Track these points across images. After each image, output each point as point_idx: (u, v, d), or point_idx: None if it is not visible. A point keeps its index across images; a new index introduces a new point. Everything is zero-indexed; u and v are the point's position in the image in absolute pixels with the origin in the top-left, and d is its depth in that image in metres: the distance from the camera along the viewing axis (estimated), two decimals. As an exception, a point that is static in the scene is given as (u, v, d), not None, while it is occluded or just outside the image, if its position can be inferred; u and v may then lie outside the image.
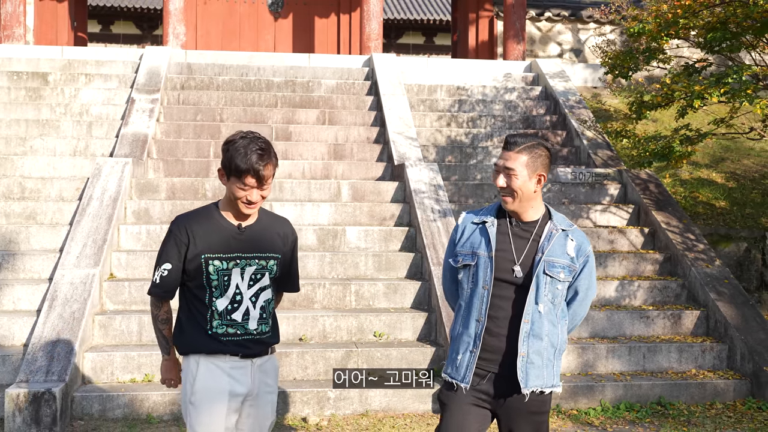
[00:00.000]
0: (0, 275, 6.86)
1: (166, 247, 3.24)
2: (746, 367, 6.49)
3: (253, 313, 3.25)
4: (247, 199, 3.16)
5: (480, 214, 3.34)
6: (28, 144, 9.00)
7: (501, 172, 3.20)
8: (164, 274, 3.22)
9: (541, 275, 3.15)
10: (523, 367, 3.13)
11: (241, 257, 3.22)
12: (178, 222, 3.25)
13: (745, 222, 8.71)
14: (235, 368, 3.21)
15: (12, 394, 5.35)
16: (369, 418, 5.81)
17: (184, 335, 3.24)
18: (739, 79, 5.94)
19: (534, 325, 3.15)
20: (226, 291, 3.20)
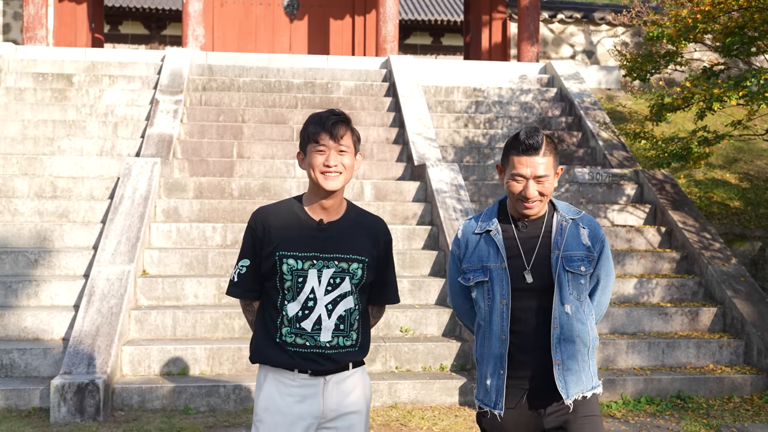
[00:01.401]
0: (37, 272, 7.07)
1: (245, 241, 3.00)
2: (763, 362, 6.67)
3: (327, 323, 2.87)
4: (326, 163, 2.86)
5: (480, 223, 3.07)
6: (56, 144, 9.20)
7: (529, 179, 2.90)
8: (242, 271, 2.98)
9: (563, 273, 2.92)
10: (561, 375, 2.90)
11: (319, 257, 2.88)
12: (255, 215, 3.00)
13: (759, 222, 8.89)
14: (304, 386, 2.87)
15: (57, 385, 5.56)
16: (398, 409, 6.01)
17: (255, 341, 2.98)
18: (757, 82, 6.14)
19: (564, 329, 2.92)
20: (298, 294, 2.88)
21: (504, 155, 2.99)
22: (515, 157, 2.90)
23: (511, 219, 3.01)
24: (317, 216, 2.95)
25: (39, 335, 6.46)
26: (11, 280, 6.81)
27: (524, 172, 2.89)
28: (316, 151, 2.88)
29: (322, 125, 2.88)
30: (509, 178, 2.93)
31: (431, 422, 5.73)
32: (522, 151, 2.89)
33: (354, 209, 3.05)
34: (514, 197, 2.93)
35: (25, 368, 6.13)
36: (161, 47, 26.99)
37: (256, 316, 3.02)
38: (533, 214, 2.96)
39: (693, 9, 6.35)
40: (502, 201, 3.09)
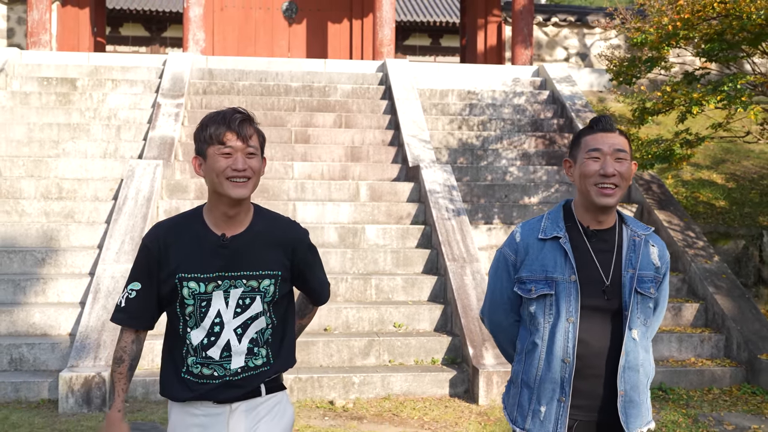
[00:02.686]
0: (44, 270, 7.34)
1: (136, 262, 2.64)
2: (742, 355, 6.94)
3: (238, 347, 2.59)
4: (234, 167, 2.51)
5: (544, 227, 2.71)
6: (61, 147, 9.47)
7: (607, 156, 2.59)
8: (131, 295, 2.60)
9: (634, 295, 2.60)
10: (624, 408, 2.60)
11: (224, 277, 2.57)
12: (152, 233, 2.64)
13: (744, 221, 9.16)
14: (207, 415, 2.60)
15: (65, 378, 5.83)
16: (391, 401, 6.28)
17: (162, 374, 2.69)
18: (734, 87, 6.41)
19: (629, 356, 2.60)
20: (202, 320, 2.57)
21: (574, 143, 2.71)
22: (590, 136, 2.63)
23: (580, 226, 2.67)
24: (219, 230, 2.58)
25: (47, 331, 6.74)
26: (20, 278, 7.09)
27: (602, 146, 2.59)
28: (221, 153, 2.51)
29: (227, 124, 2.52)
30: (584, 159, 2.61)
31: (422, 413, 6.00)
32: (598, 129, 2.63)
33: (261, 216, 2.67)
34: (591, 180, 2.60)
35: (33, 362, 6.41)
36: (162, 49, 27.28)
37: (163, 347, 2.70)
38: (611, 203, 2.60)
39: (673, 17, 6.63)
40: (565, 205, 2.77)
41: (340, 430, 5.54)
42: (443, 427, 5.67)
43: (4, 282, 7.04)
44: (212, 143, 2.53)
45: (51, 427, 5.49)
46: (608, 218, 2.67)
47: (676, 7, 6.75)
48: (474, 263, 7.41)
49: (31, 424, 5.56)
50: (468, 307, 6.90)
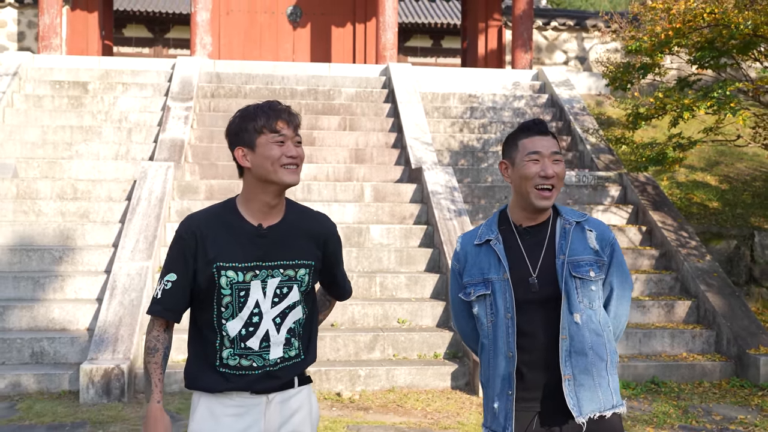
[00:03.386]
0: (61, 268, 7.64)
1: (171, 254, 2.63)
2: (731, 350, 7.24)
3: (276, 338, 2.61)
4: (288, 155, 2.56)
5: (479, 233, 2.82)
6: (74, 148, 9.78)
7: (545, 158, 2.70)
8: (167, 287, 2.60)
9: (570, 280, 2.67)
10: (572, 391, 2.64)
11: (262, 266, 2.60)
12: (186, 223, 2.64)
13: (736, 221, 9.45)
14: (242, 405, 2.61)
15: (86, 369, 6.13)
16: (395, 393, 6.58)
17: (189, 369, 2.69)
18: (723, 93, 6.70)
19: (574, 340, 2.66)
20: (240, 310, 2.58)
21: (510, 146, 2.79)
22: (527, 139, 2.73)
23: (513, 226, 2.78)
24: (255, 220, 2.63)
25: (65, 326, 7.04)
26: (39, 276, 7.39)
27: (541, 149, 2.69)
28: (274, 142, 2.55)
29: (278, 114, 2.58)
30: (524, 161, 2.70)
31: (425, 404, 6.30)
32: (535, 132, 2.74)
33: (294, 207, 2.72)
34: (531, 183, 2.70)
35: (54, 355, 6.71)
36: (165, 50, 27.56)
37: (189, 340, 2.71)
38: (548, 205, 2.72)
39: (665, 26, 6.92)
40: (502, 211, 2.86)
41: (347, 419, 5.84)
42: (445, 417, 5.97)
43: (24, 279, 7.34)
44: (264, 132, 2.56)
45: (74, 416, 5.79)
46: (541, 215, 2.77)
47: (669, 17, 7.05)
48: (475, 262, 7.69)
49: (55, 412, 5.86)
50: (469, 304, 7.18)
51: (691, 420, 5.96)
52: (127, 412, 5.91)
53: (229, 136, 2.64)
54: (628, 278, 2.82)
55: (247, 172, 2.60)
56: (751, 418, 6.00)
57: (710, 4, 6.77)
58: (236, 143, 2.60)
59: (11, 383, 6.36)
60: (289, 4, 15.35)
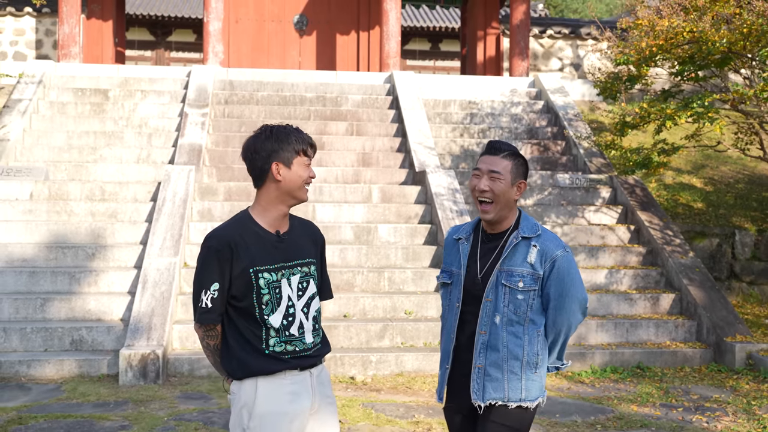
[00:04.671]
0: (94, 264, 8.28)
1: (208, 266, 2.95)
2: (711, 338, 7.90)
3: (307, 325, 3.04)
4: (311, 176, 3.05)
5: (461, 230, 3.27)
6: (98, 153, 10.42)
7: (484, 175, 3.10)
8: (215, 295, 2.94)
9: (499, 286, 3.08)
10: (479, 379, 3.08)
11: (285, 266, 3.02)
12: (217, 237, 2.97)
13: (719, 221, 10.12)
14: (295, 383, 3.00)
15: (125, 354, 6.77)
16: (404, 376, 7.23)
17: (236, 359, 2.99)
18: (702, 103, 7.37)
19: (491, 337, 3.08)
20: (278, 305, 2.98)
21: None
22: (480, 157, 3.18)
23: (482, 231, 3.19)
24: (273, 228, 3.04)
25: (101, 316, 7.68)
26: (74, 270, 8.03)
27: (482, 166, 3.11)
28: (305, 164, 3.00)
29: (307, 139, 3.02)
30: (472, 175, 3.15)
31: (431, 386, 6.95)
32: (486, 151, 3.15)
33: (293, 217, 3.16)
34: (473, 195, 3.15)
35: (92, 343, 7.35)
36: (167, 53, 28.15)
37: (227, 336, 3.02)
38: (488, 218, 3.11)
39: (650, 42, 7.59)
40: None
41: (362, 398, 6.48)
42: (450, 397, 6.62)
43: (60, 274, 7.98)
44: (300, 154, 2.99)
45: (115, 395, 6.43)
46: (498, 225, 3.15)
47: (654, 33, 7.71)
48: (475, 258, 8.34)
49: (98, 393, 6.50)
50: (470, 296, 7.84)
51: (671, 399, 6.62)
52: (162, 393, 6.55)
53: (261, 150, 2.98)
54: (571, 290, 3.08)
55: (273, 184, 2.99)
56: (724, 397, 6.66)
57: (690, 22, 7.43)
58: (273, 158, 2.96)
59: (55, 368, 7.00)
60: (296, 13, 16.01)
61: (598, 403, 6.48)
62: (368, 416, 5.97)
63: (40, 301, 7.65)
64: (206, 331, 3.02)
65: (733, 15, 7.89)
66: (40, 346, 7.29)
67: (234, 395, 3.01)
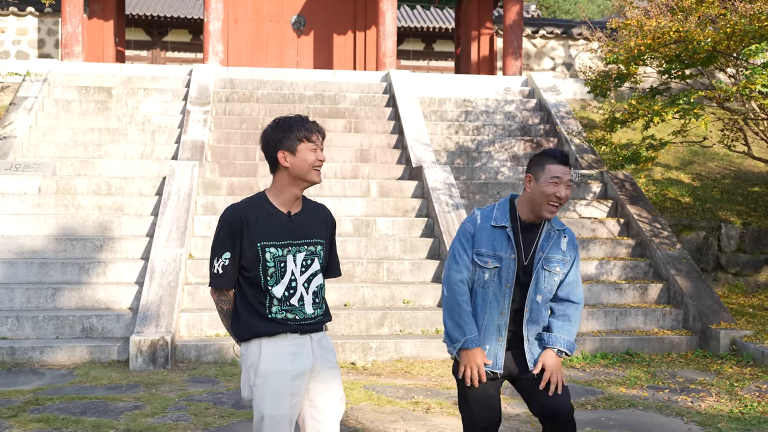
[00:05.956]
0: (102, 255, 8.56)
1: (221, 237, 3.28)
2: (696, 326, 8.23)
3: (307, 298, 3.32)
4: (319, 159, 3.27)
5: (495, 217, 3.62)
6: (103, 149, 10.69)
7: (562, 183, 3.51)
8: (226, 263, 3.26)
9: (542, 270, 3.58)
10: (529, 350, 3.62)
11: (293, 244, 3.29)
12: (231, 212, 3.29)
13: (705, 215, 10.46)
14: (296, 345, 3.28)
15: (135, 341, 7.06)
16: (403, 362, 7.53)
17: (243, 322, 3.29)
18: (688, 100, 7.69)
19: (532, 313, 3.60)
20: (282, 278, 3.26)
21: (537, 166, 3.56)
22: (553, 165, 3.53)
23: (519, 220, 3.61)
24: (285, 208, 3.32)
25: (110, 305, 7.96)
26: (83, 262, 8.31)
27: (560, 175, 3.51)
28: (310, 149, 3.23)
29: (312, 127, 3.26)
30: (547, 182, 3.50)
31: (429, 370, 7.25)
32: (558, 161, 3.53)
33: (307, 200, 3.42)
34: (547, 198, 3.52)
35: (102, 330, 7.63)
36: (162, 53, 28.36)
37: (237, 302, 3.31)
38: (552, 217, 3.58)
39: (638, 42, 7.91)
40: (511, 202, 3.67)
41: (363, 382, 6.78)
42: (447, 380, 6.92)
43: (70, 265, 8.25)
44: (303, 141, 3.26)
45: (127, 379, 6.72)
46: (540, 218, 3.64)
47: (642, 33, 8.03)
48: (471, 250, 8.65)
49: (110, 377, 6.78)
50: (466, 286, 8.15)
51: (657, 382, 6.94)
52: (172, 377, 6.83)
53: (270, 141, 3.29)
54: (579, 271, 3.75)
55: (284, 170, 3.28)
56: (708, 380, 6.98)
57: (676, 23, 7.76)
58: (279, 147, 3.27)
59: (67, 354, 7.28)
60: (294, 14, 16.30)
61: (588, 385, 6.79)
62: (370, 397, 6.27)
63: (51, 290, 7.93)
64: (219, 296, 3.36)
65: (717, 15, 8.22)
66: (52, 334, 7.57)
67: (243, 357, 3.33)
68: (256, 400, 3.27)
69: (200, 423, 5.51)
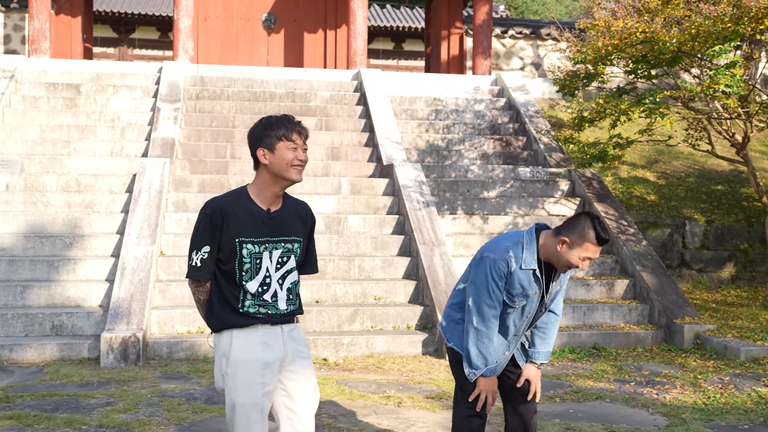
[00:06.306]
0: (72, 252, 8.51)
1: (202, 229, 3.33)
2: (661, 321, 8.41)
3: (281, 294, 3.37)
4: (299, 159, 3.29)
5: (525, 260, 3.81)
6: (72, 146, 10.61)
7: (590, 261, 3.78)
8: (204, 256, 3.31)
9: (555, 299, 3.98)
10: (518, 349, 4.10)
11: (270, 241, 3.34)
12: (212, 205, 3.33)
13: (670, 212, 10.67)
14: (266, 335, 3.34)
15: (106, 338, 7.04)
16: (374, 358, 7.60)
17: (216, 314, 3.37)
18: (654, 100, 7.86)
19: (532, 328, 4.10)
20: (257, 274, 3.32)
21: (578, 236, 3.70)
22: (592, 245, 3.71)
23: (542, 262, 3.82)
24: (265, 206, 3.36)
25: (80, 303, 7.92)
26: (52, 259, 8.26)
27: (593, 256, 3.74)
28: (289, 148, 3.26)
29: (293, 126, 3.29)
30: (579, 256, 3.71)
31: (400, 365, 7.33)
32: (599, 243, 3.71)
33: (288, 197, 3.46)
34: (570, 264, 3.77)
35: (72, 328, 7.60)
36: (130, 50, 28.11)
37: (213, 294, 3.39)
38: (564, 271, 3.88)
39: (606, 42, 8.06)
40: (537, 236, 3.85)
41: (336, 377, 6.84)
42: (418, 375, 7.01)
43: (39, 262, 8.20)
44: (282, 140, 3.29)
45: (98, 376, 6.70)
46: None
47: (609, 33, 8.18)
48: (441, 246, 8.76)
49: (80, 374, 6.76)
50: (437, 282, 8.25)
51: (624, 375, 7.09)
52: (143, 374, 6.83)
53: (252, 139, 3.35)
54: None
55: (264, 168, 3.32)
56: (673, 373, 7.15)
57: (643, 24, 7.91)
58: (259, 145, 3.31)
59: (37, 352, 7.24)
60: (264, 11, 16.28)
61: (557, 379, 6.91)
62: (342, 392, 6.33)
63: (19, 288, 7.87)
64: (197, 287, 3.42)
65: (683, 17, 8.40)
66: (21, 332, 7.52)
67: (215, 347, 3.42)
68: (227, 389, 3.33)
69: (173, 419, 5.53)
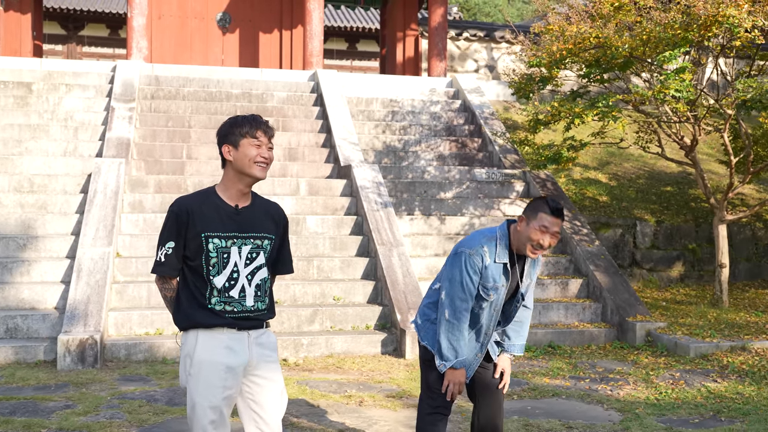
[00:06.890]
0: (26, 254, 8.38)
1: (168, 226, 3.38)
2: (614, 319, 8.62)
3: (249, 290, 3.38)
4: (262, 156, 3.33)
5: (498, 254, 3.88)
6: (23, 146, 10.42)
7: (549, 233, 3.76)
8: (168, 252, 3.36)
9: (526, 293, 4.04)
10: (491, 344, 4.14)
11: (238, 236, 3.36)
12: (179, 203, 3.38)
13: (622, 213, 10.93)
14: (232, 339, 3.35)
15: (63, 340, 6.96)
16: (334, 358, 7.64)
17: (183, 312, 3.39)
18: (606, 103, 8.07)
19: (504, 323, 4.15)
20: (224, 268, 3.35)
21: (532, 211, 3.81)
22: (545, 215, 3.76)
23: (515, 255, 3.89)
24: (233, 202, 3.40)
25: (35, 305, 7.81)
26: (5, 261, 8.12)
27: (549, 227, 3.75)
28: (253, 145, 3.31)
29: (258, 124, 3.35)
30: (536, 228, 3.75)
31: (360, 365, 7.39)
32: (553, 213, 3.76)
33: (257, 196, 3.52)
34: (531, 242, 3.79)
35: (27, 331, 7.48)
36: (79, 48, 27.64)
37: (180, 291, 3.42)
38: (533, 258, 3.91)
39: (560, 46, 8.24)
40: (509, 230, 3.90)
41: (296, 377, 6.87)
42: (378, 374, 7.08)
43: (-8, 264, 8.05)
44: (246, 137, 3.35)
45: (55, 379, 6.62)
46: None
47: (564, 38, 8.37)
48: (400, 247, 8.84)
49: (37, 377, 6.67)
50: (395, 282, 8.33)
51: (579, 372, 7.26)
52: (102, 376, 6.77)
53: (219, 136, 3.42)
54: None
55: (229, 164, 3.38)
56: (626, 369, 7.35)
57: (596, 29, 8.12)
58: (224, 142, 3.39)
59: (-9, 355, 7.12)
60: (219, 11, 16.18)
61: (514, 376, 7.04)
62: (303, 392, 6.37)
63: (-28, 290, 7.72)
64: (163, 283, 3.47)
65: (634, 23, 8.62)
66: (-26, 335, 7.38)
67: (182, 345, 3.43)
68: (189, 389, 3.35)
69: (135, 420, 5.50)
